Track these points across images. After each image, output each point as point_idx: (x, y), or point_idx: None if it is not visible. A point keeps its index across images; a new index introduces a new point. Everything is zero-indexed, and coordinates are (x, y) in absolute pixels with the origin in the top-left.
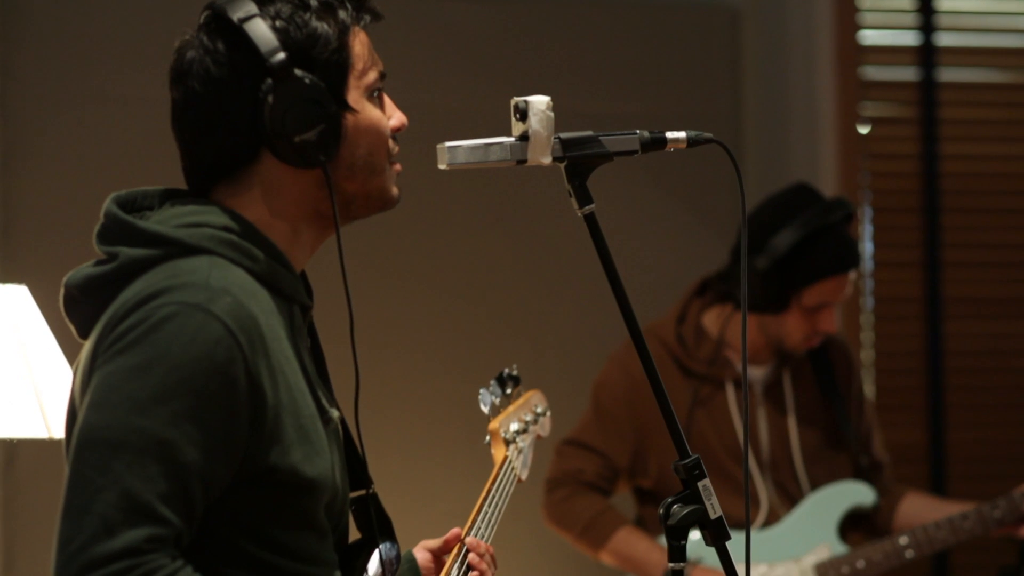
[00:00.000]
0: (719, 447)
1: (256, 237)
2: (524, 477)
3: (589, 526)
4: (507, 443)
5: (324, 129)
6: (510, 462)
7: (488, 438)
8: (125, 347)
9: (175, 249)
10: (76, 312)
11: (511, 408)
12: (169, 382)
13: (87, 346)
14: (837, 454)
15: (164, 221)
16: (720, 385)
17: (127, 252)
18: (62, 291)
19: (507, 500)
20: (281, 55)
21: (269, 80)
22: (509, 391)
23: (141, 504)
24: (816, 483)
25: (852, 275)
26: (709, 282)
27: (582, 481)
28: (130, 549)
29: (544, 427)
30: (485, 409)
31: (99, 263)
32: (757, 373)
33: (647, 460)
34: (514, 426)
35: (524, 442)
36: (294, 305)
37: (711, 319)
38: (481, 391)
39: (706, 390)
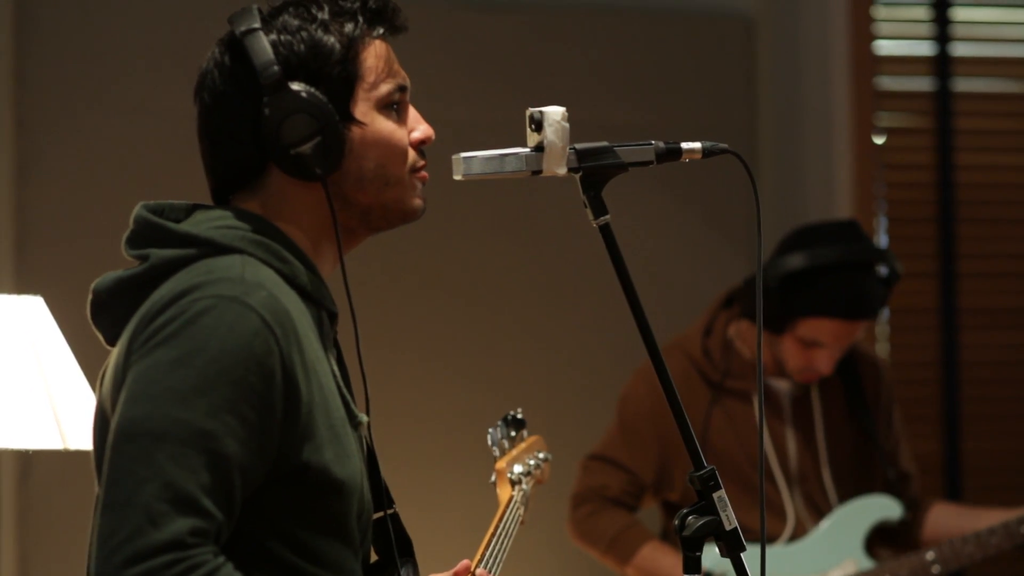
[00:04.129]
0: (745, 461)
1: (284, 240)
2: (526, 520)
3: (614, 542)
4: (512, 484)
5: (320, 142)
6: (516, 502)
7: (494, 477)
8: (162, 341)
9: (207, 249)
10: (104, 317)
11: (516, 451)
12: (209, 373)
13: (117, 349)
14: (866, 468)
15: (195, 224)
16: (746, 398)
17: (158, 253)
18: (89, 297)
19: (511, 540)
20: (274, 69)
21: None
22: (514, 433)
23: (185, 495)
24: (844, 497)
25: (858, 325)
26: (735, 294)
27: (607, 497)
28: (175, 542)
29: (545, 473)
30: (494, 449)
31: (128, 269)
32: (784, 386)
33: (673, 474)
34: (518, 468)
35: (527, 485)
36: (322, 311)
37: (737, 332)
38: (490, 430)
39: (732, 403)
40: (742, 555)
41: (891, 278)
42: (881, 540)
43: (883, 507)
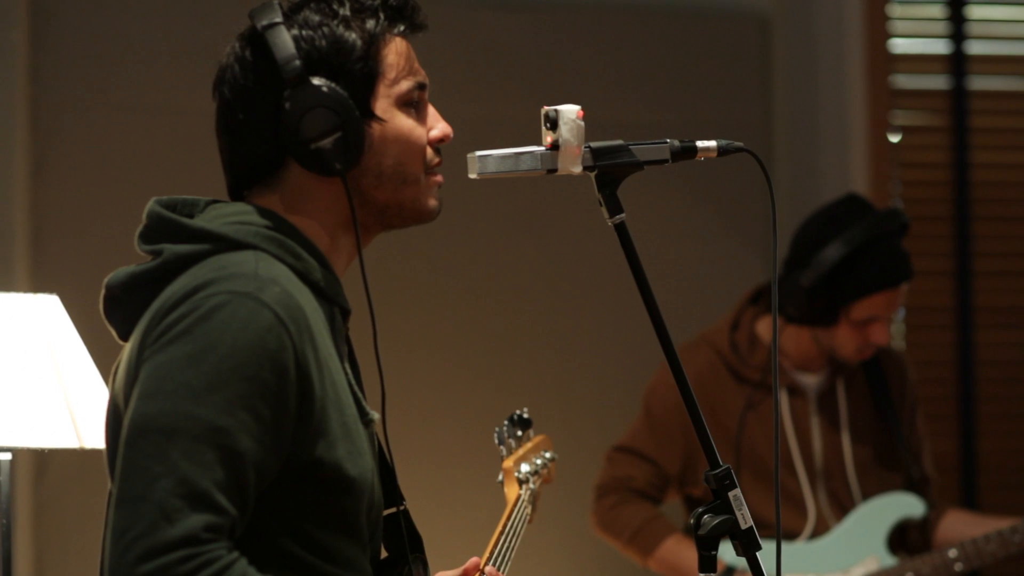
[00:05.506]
0: (771, 455)
1: (298, 237)
2: (534, 519)
3: (637, 533)
4: (520, 483)
5: (340, 137)
6: (523, 501)
7: (501, 476)
8: (176, 337)
9: (221, 244)
10: (117, 312)
11: (522, 450)
12: (223, 369)
13: (130, 344)
14: (889, 465)
15: (209, 220)
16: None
17: (172, 248)
18: (102, 292)
19: (519, 539)
20: (296, 63)
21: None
22: (520, 433)
23: (199, 491)
24: (868, 494)
25: (904, 288)
26: (763, 290)
27: (632, 488)
28: (190, 537)
29: (552, 473)
30: (501, 449)
31: (141, 264)
32: (811, 381)
33: (697, 467)
34: (525, 467)
35: (534, 484)
36: (335, 307)
37: (765, 327)
38: (496, 429)
39: (759, 397)
40: (761, 551)
41: (906, 227)
42: (901, 541)
43: (906, 505)
